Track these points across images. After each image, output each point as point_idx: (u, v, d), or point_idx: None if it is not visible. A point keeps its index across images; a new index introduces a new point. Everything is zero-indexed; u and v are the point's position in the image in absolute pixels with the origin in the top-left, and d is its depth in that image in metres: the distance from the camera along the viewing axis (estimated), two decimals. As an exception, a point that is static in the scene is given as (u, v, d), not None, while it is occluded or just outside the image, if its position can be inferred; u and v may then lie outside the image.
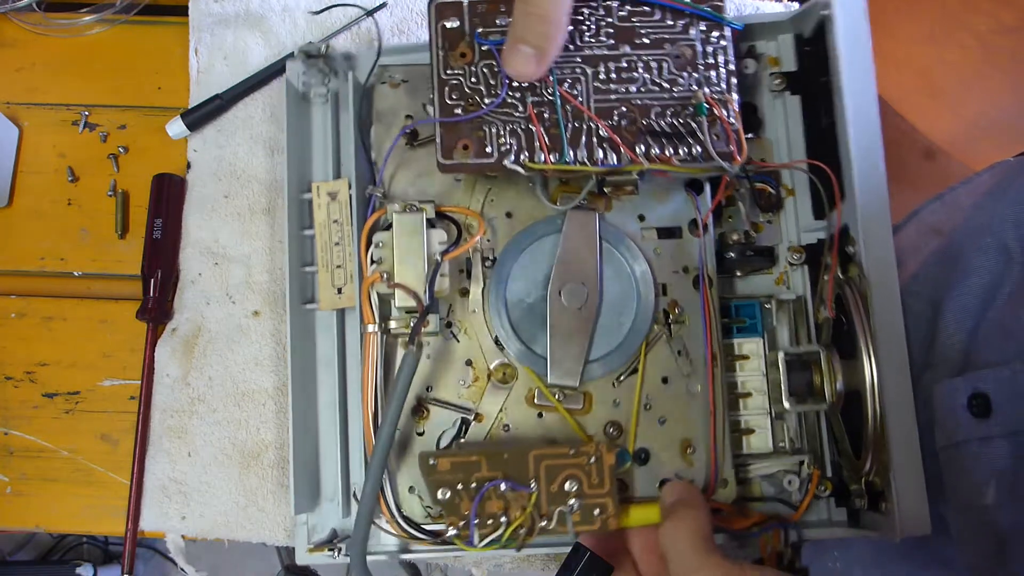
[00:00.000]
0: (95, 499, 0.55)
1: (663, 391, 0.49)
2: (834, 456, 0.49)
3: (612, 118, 0.45)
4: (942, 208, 0.53)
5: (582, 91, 0.46)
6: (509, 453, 0.44)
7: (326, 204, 0.52)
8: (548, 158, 0.44)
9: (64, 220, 0.59)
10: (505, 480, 0.43)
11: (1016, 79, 0.93)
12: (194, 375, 0.54)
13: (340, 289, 0.50)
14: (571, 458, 0.44)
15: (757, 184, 0.50)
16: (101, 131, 0.61)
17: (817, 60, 0.49)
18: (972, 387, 0.40)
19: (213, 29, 0.60)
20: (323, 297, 0.51)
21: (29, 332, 0.57)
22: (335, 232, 0.51)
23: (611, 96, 0.45)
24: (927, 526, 0.42)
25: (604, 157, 0.45)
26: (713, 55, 0.46)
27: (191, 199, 0.58)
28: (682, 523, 0.39)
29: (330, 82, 0.54)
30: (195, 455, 0.53)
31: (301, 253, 0.52)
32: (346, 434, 0.50)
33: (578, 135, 0.45)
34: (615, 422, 0.48)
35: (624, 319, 0.49)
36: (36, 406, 0.56)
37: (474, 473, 0.44)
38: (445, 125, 0.45)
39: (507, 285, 0.49)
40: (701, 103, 0.44)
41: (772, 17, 0.51)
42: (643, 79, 0.46)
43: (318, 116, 0.54)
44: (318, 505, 0.50)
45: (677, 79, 0.46)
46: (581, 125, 0.45)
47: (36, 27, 0.62)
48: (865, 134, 0.45)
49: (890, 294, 0.44)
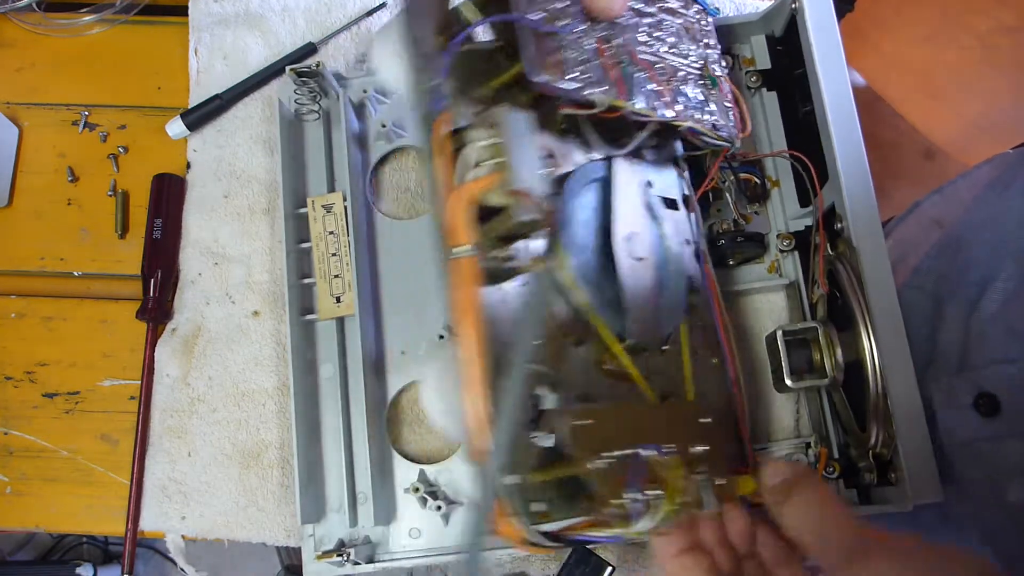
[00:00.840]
0: (95, 499, 0.55)
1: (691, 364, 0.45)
2: (840, 439, 0.49)
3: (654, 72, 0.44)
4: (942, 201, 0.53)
5: (631, 39, 0.44)
6: (637, 410, 0.37)
7: (322, 217, 0.53)
8: (621, 98, 0.41)
9: (64, 220, 0.59)
10: (648, 446, 0.36)
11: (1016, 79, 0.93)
12: (194, 375, 0.54)
13: (339, 298, 0.51)
14: (698, 417, 0.37)
15: (742, 175, 0.51)
16: (101, 131, 0.61)
17: (790, 56, 0.51)
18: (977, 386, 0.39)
19: (213, 29, 0.60)
20: (322, 307, 0.51)
21: (29, 332, 0.57)
22: (331, 243, 0.52)
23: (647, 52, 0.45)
24: (939, 492, 0.42)
25: (654, 110, 0.43)
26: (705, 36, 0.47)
27: (191, 199, 0.58)
28: (816, 501, 0.34)
29: (321, 100, 0.55)
30: (195, 455, 0.53)
31: (299, 266, 0.53)
32: (350, 442, 0.50)
33: (637, 83, 0.43)
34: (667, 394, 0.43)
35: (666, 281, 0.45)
36: (36, 406, 0.56)
37: (614, 436, 0.35)
38: (534, 33, 0.38)
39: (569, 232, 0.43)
40: (712, 75, 0.45)
41: (744, 18, 0.53)
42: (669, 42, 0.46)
43: (311, 133, 0.56)
44: (324, 516, 0.50)
45: (690, 49, 0.46)
46: (636, 74, 0.43)
47: (36, 27, 0.62)
48: (842, 113, 0.47)
49: (880, 262, 0.45)
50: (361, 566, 0.48)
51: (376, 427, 0.50)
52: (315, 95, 0.54)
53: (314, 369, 0.52)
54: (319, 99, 0.55)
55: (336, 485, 0.50)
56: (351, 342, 0.51)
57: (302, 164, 0.55)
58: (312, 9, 0.61)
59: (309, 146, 0.55)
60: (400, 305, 0.53)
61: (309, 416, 0.51)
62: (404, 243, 0.55)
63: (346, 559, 0.47)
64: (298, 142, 0.55)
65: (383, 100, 0.57)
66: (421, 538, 0.50)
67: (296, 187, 0.54)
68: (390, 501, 0.50)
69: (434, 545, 0.49)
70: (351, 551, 0.47)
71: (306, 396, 0.51)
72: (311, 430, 0.51)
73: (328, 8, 0.61)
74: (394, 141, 0.56)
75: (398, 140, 0.56)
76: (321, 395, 0.52)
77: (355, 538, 0.49)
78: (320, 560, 0.47)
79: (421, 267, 0.54)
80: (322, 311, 0.51)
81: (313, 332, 0.52)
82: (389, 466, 0.51)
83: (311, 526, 0.50)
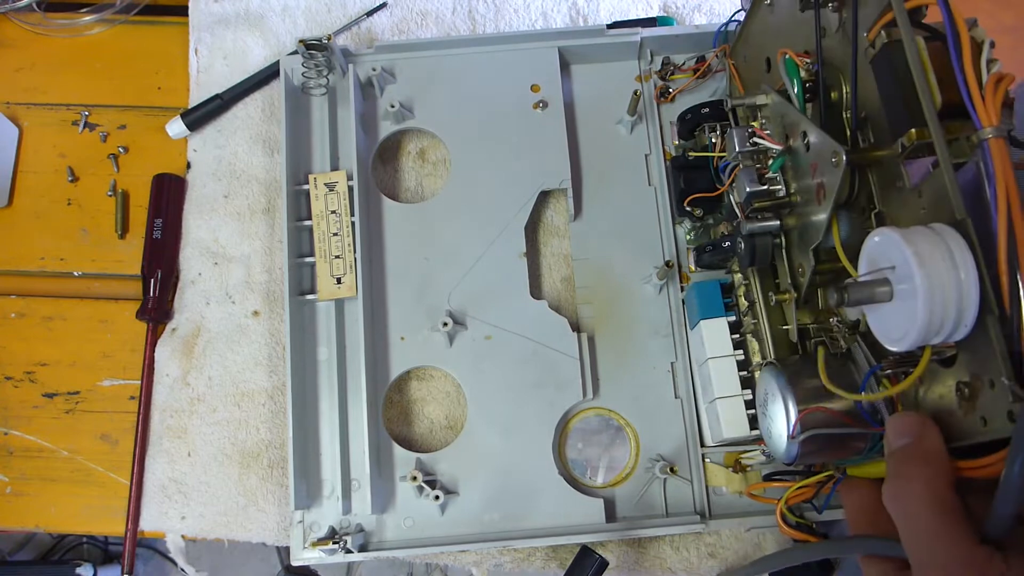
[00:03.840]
0: (95, 499, 0.55)
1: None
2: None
3: None
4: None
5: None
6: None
7: (324, 195, 0.52)
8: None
9: (64, 220, 0.59)
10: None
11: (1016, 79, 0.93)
12: (194, 375, 0.54)
13: (339, 279, 0.51)
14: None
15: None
16: (101, 131, 0.61)
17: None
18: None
19: (213, 29, 0.60)
20: (322, 287, 0.51)
21: (29, 332, 0.57)
22: (333, 223, 0.51)
23: None
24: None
25: None
26: None
27: (191, 199, 0.58)
28: (910, 484, 0.29)
29: (329, 75, 0.54)
30: (195, 455, 0.53)
31: (298, 244, 0.52)
32: (346, 428, 0.50)
33: None
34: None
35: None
36: (36, 406, 0.56)
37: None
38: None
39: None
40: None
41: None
42: None
43: (316, 109, 0.55)
44: (316, 502, 0.50)
45: None
46: None
47: (36, 27, 0.62)
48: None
49: None
50: (353, 554, 0.47)
51: (373, 413, 0.50)
52: (321, 70, 0.54)
53: (312, 351, 0.52)
54: (326, 74, 0.54)
55: (330, 471, 0.50)
56: (350, 325, 0.51)
57: (306, 140, 0.55)
58: (312, 9, 0.61)
59: (314, 122, 0.55)
60: (402, 290, 0.53)
61: (305, 399, 0.51)
62: (408, 226, 0.54)
63: (341, 547, 0.46)
64: (303, 117, 0.55)
65: (392, 80, 0.56)
66: (415, 528, 0.49)
67: (299, 162, 0.54)
68: (384, 489, 0.50)
69: (428, 535, 0.49)
70: (347, 539, 0.46)
71: (302, 379, 0.50)
72: (307, 414, 0.51)
73: (328, 8, 0.61)
74: (402, 122, 0.56)
75: (406, 121, 0.56)
76: (319, 378, 0.52)
77: (346, 526, 0.49)
78: (314, 547, 0.47)
79: (425, 251, 0.54)
80: (322, 291, 0.51)
81: (312, 313, 0.52)
82: (385, 454, 0.51)
83: (300, 512, 0.49)
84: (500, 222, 0.54)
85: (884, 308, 0.31)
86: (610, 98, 0.57)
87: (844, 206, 0.38)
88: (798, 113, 0.39)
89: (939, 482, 0.29)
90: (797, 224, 0.41)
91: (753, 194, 0.42)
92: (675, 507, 0.50)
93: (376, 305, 0.53)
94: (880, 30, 0.34)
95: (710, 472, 0.51)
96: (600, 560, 0.41)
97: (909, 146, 0.32)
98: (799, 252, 0.41)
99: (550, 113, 0.56)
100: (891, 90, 0.34)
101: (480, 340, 0.52)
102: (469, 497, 0.50)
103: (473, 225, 0.54)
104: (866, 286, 0.31)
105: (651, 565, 0.51)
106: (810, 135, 0.38)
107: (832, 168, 0.36)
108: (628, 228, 0.55)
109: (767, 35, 0.47)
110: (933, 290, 0.28)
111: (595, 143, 0.57)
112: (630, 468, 0.51)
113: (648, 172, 0.56)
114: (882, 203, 0.36)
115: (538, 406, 0.51)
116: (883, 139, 0.35)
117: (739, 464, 0.50)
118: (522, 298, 0.53)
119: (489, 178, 0.55)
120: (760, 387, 0.41)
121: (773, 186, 0.42)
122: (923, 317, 0.28)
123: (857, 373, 0.38)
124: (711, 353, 0.48)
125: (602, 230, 0.55)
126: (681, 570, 0.51)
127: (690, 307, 0.52)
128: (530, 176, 0.55)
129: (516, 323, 0.52)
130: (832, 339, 0.41)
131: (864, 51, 0.36)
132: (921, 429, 0.31)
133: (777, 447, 0.39)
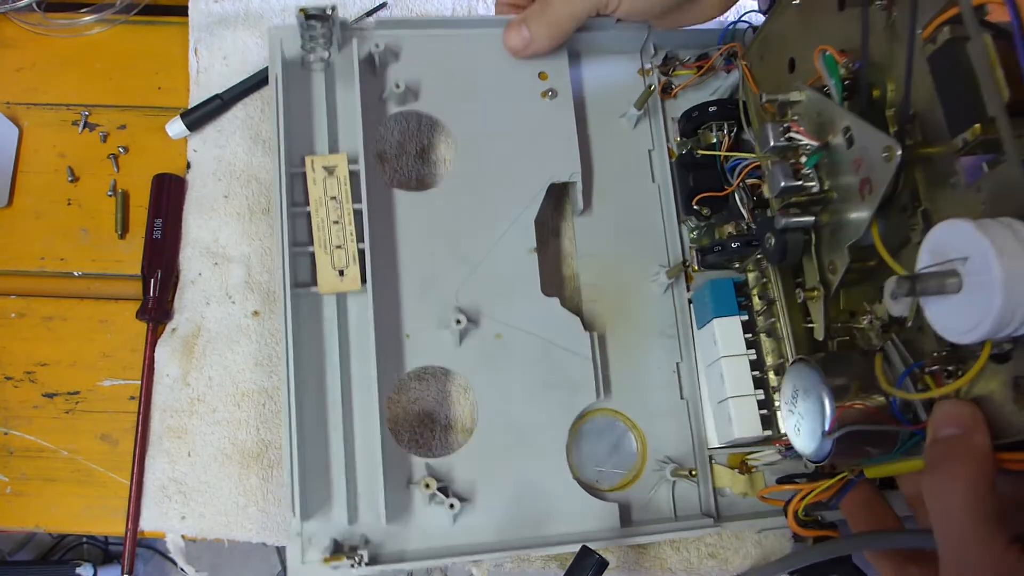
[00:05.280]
0: (95, 499, 0.55)
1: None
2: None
3: None
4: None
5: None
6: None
7: (322, 179, 0.48)
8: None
9: (64, 220, 0.59)
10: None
11: (1016, 79, 0.93)
12: (194, 375, 0.54)
13: (342, 271, 0.47)
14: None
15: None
16: (101, 131, 0.61)
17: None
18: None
19: (213, 29, 0.60)
20: (322, 280, 0.47)
21: (29, 332, 0.57)
22: (333, 210, 0.48)
23: None
24: None
25: None
26: None
27: (191, 199, 0.58)
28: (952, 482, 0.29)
29: (329, 49, 0.51)
30: (195, 455, 0.53)
31: (296, 232, 0.49)
32: (351, 429, 0.47)
33: None
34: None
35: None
36: (36, 406, 0.56)
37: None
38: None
39: None
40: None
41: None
42: None
43: (316, 86, 0.51)
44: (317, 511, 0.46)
45: None
46: None
47: (36, 27, 0.62)
48: None
49: None
50: (361, 568, 0.44)
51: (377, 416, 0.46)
52: (319, 41, 0.50)
53: (312, 348, 0.48)
54: (327, 47, 0.50)
55: (333, 477, 0.47)
56: (354, 321, 0.48)
57: (304, 120, 0.51)
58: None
59: (314, 101, 0.51)
60: (406, 284, 0.50)
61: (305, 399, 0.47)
62: (413, 217, 0.51)
63: (357, 563, 0.43)
64: (300, 95, 0.51)
65: (395, 60, 0.53)
66: (427, 537, 0.46)
67: (297, 142, 0.50)
68: (392, 497, 0.46)
69: (442, 544, 0.46)
70: (363, 554, 0.43)
71: (303, 378, 0.47)
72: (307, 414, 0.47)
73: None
74: (407, 104, 0.52)
75: (412, 103, 0.53)
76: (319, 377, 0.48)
77: (350, 537, 0.46)
78: (326, 563, 0.43)
79: (431, 243, 0.51)
80: (322, 284, 0.47)
81: (312, 307, 0.49)
82: (391, 459, 0.47)
83: (298, 523, 0.45)
84: (509, 215, 0.51)
85: (949, 300, 0.31)
86: (613, 91, 0.56)
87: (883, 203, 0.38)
88: (840, 109, 0.39)
89: (981, 483, 0.28)
90: (830, 220, 0.41)
91: (787, 189, 0.41)
92: (682, 509, 0.50)
93: (380, 300, 0.49)
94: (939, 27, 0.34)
95: (716, 473, 0.51)
96: (600, 560, 0.41)
97: (972, 141, 0.32)
98: (830, 249, 0.41)
99: (559, 103, 0.53)
100: (951, 87, 0.34)
101: (490, 338, 0.50)
102: (482, 504, 0.47)
103: (481, 217, 0.51)
104: (936, 277, 0.30)
105: (651, 565, 0.51)
106: (855, 131, 0.38)
107: (883, 164, 0.35)
108: (632, 225, 0.54)
109: (792, 34, 0.46)
110: (1012, 281, 0.28)
111: (598, 137, 0.56)
112: (637, 470, 0.51)
113: (652, 168, 0.55)
114: (928, 200, 0.36)
115: (551, 408, 0.49)
116: (934, 136, 0.35)
117: (745, 465, 0.50)
118: (533, 295, 0.51)
119: (496, 167, 0.52)
120: (788, 383, 0.40)
121: (808, 182, 0.41)
122: (999, 308, 0.28)
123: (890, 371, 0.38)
124: (724, 351, 0.48)
125: (607, 226, 0.54)
126: (681, 570, 0.51)
127: (702, 305, 0.51)
128: (539, 167, 0.52)
129: (527, 321, 0.50)
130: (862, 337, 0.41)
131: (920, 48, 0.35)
132: (972, 422, 0.30)
133: (807, 445, 0.38)
